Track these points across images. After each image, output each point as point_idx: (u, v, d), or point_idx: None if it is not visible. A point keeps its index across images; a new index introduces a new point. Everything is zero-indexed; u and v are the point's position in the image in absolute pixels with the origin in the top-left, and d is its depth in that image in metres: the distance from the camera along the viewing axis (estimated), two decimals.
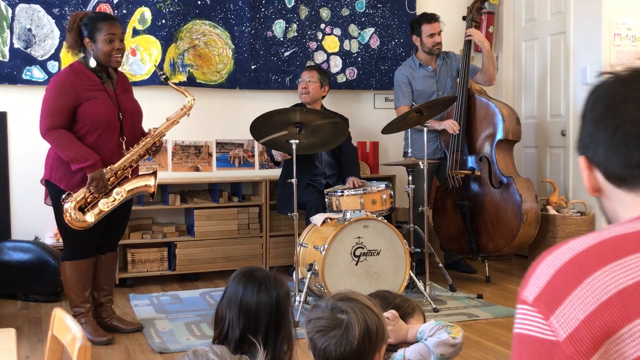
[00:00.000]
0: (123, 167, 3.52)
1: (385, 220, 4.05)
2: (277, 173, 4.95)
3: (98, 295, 3.70)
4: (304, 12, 5.33)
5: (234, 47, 5.15)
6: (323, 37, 5.40)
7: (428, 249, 4.35)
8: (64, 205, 3.41)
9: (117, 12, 4.77)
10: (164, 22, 4.92)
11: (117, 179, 3.51)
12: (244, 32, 5.15)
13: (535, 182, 5.22)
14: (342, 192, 4.25)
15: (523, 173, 5.26)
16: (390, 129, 4.36)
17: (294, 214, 3.99)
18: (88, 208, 3.44)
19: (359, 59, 5.51)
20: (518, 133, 4.85)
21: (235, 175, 5.24)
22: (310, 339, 1.61)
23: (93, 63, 3.50)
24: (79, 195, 3.41)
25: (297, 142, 3.94)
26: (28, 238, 4.57)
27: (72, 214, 3.40)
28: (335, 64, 5.45)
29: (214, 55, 5.11)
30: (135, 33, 4.88)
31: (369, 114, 5.62)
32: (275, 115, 3.95)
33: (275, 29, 5.25)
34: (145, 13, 4.89)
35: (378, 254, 3.97)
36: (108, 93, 3.53)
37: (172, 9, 4.93)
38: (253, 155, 5.33)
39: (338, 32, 5.44)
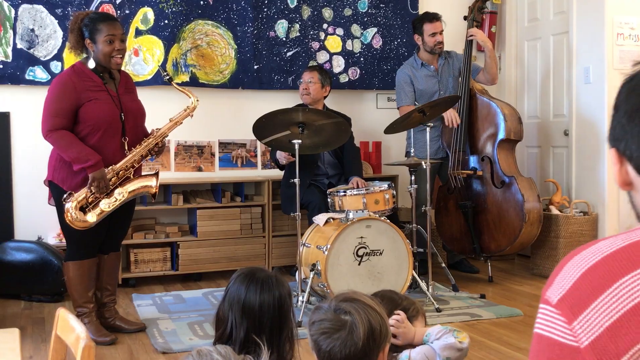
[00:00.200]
0: (125, 167, 3.52)
1: (388, 220, 4.06)
2: (279, 173, 4.95)
3: (101, 296, 3.71)
4: (307, 12, 5.33)
5: (237, 47, 5.15)
6: (325, 37, 5.40)
7: (431, 249, 4.35)
8: (65, 205, 3.41)
9: (119, 12, 4.78)
10: (167, 22, 4.92)
11: (118, 180, 3.51)
12: (247, 32, 5.15)
13: (538, 182, 5.21)
14: (344, 192, 4.24)
15: (526, 173, 5.26)
16: (393, 129, 4.36)
17: (297, 214, 4.00)
18: (89, 208, 3.44)
19: (362, 59, 5.51)
20: (520, 133, 4.85)
21: (238, 175, 5.24)
22: (315, 341, 1.61)
23: (92, 64, 3.50)
24: (80, 195, 3.42)
25: (299, 142, 3.94)
26: (31, 238, 4.58)
27: (73, 214, 3.40)
28: (338, 64, 5.45)
29: (217, 56, 5.11)
30: (138, 33, 4.88)
31: (372, 114, 5.63)
32: (278, 115, 3.95)
33: (278, 29, 5.25)
34: (148, 13, 4.89)
35: (381, 254, 3.97)
36: (110, 94, 3.53)
37: (174, 9, 4.93)
38: (255, 155, 5.33)
39: (340, 32, 5.44)
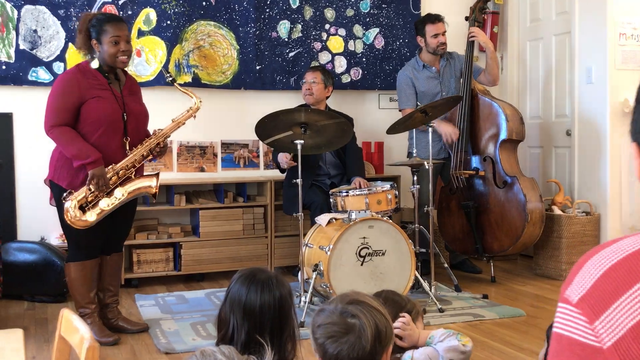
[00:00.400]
0: (125, 166, 3.52)
1: (391, 221, 4.05)
2: (282, 173, 4.95)
3: (104, 296, 3.71)
4: (309, 12, 5.33)
5: (239, 47, 5.15)
6: (328, 37, 5.40)
7: (433, 249, 4.35)
8: (65, 204, 3.41)
9: (122, 13, 4.78)
10: (169, 23, 4.93)
11: (119, 179, 3.51)
12: (249, 32, 5.15)
13: (541, 182, 5.21)
14: (347, 192, 4.24)
15: (528, 173, 5.25)
16: (395, 129, 4.36)
17: (299, 214, 4.00)
18: (89, 207, 3.44)
19: (364, 59, 5.51)
20: (522, 133, 4.85)
21: (240, 176, 5.25)
22: (321, 345, 1.58)
23: (95, 64, 3.52)
24: (80, 194, 3.42)
25: (302, 142, 3.94)
26: (34, 239, 4.59)
27: (72, 213, 3.40)
28: (340, 65, 5.45)
29: (219, 56, 5.12)
30: (141, 34, 4.89)
31: (374, 114, 5.63)
32: (280, 116, 3.95)
33: (280, 30, 5.26)
34: (151, 14, 4.90)
35: (383, 254, 3.97)
36: (114, 93, 3.54)
37: (177, 10, 4.94)
38: (258, 156, 5.34)
39: (343, 32, 5.44)
